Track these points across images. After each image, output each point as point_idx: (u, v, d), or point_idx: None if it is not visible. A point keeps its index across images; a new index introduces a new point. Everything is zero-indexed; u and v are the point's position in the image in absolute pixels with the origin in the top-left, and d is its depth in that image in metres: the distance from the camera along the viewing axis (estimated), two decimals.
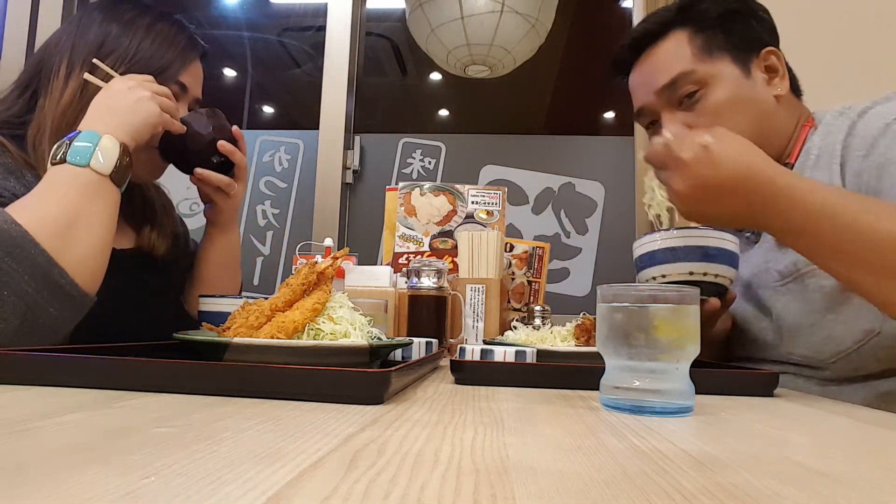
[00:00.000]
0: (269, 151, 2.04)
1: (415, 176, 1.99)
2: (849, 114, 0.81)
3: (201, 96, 0.97)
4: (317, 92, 1.99)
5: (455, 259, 1.20)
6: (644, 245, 0.88)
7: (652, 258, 0.87)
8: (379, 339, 0.57)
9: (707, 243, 0.83)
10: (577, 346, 0.76)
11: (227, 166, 0.93)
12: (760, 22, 0.90)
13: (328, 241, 1.18)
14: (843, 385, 0.79)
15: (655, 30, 0.91)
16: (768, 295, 0.86)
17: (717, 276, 0.83)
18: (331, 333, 0.55)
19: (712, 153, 0.65)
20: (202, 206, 0.98)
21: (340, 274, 1.06)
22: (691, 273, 0.83)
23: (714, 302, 0.84)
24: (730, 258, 0.84)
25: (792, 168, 0.85)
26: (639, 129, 1.92)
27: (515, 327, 0.91)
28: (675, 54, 0.88)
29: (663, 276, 0.85)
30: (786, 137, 0.87)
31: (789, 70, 0.90)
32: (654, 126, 0.94)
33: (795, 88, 0.92)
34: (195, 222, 1.95)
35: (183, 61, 0.91)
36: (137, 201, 0.97)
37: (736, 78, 0.85)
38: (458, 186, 1.36)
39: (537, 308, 1.15)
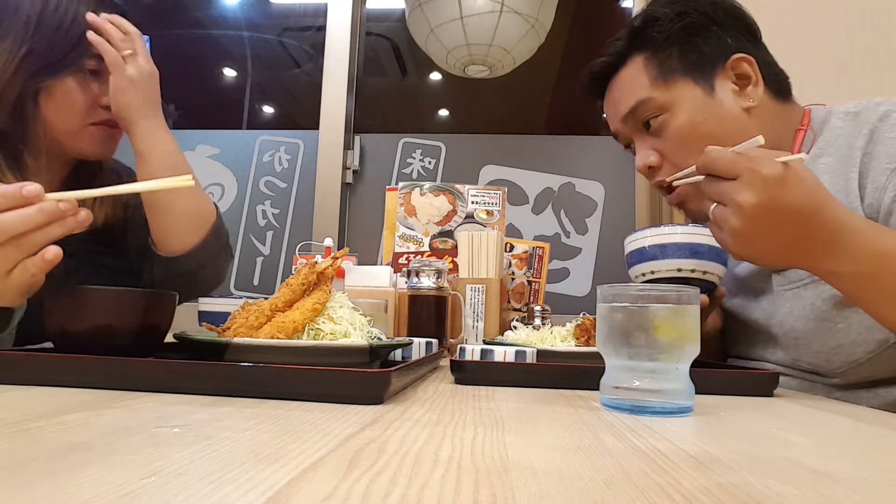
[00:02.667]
0: (269, 151, 2.04)
1: (415, 176, 1.99)
2: (864, 116, 0.77)
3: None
4: (317, 92, 1.99)
5: (455, 259, 1.20)
6: (634, 241, 0.89)
7: (641, 254, 0.87)
8: (379, 339, 0.57)
9: (695, 240, 0.83)
10: (577, 346, 0.76)
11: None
12: (726, 28, 0.85)
13: (328, 241, 1.18)
14: (852, 391, 0.76)
15: (613, 61, 0.90)
16: (774, 297, 0.82)
17: (705, 272, 0.83)
18: (331, 333, 0.55)
19: (798, 175, 0.59)
20: None
21: (340, 274, 1.06)
22: (679, 270, 0.83)
23: (703, 299, 0.83)
24: (718, 255, 0.84)
25: None
26: None
27: (515, 327, 0.91)
28: (633, 82, 0.87)
29: (652, 273, 0.86)
30: (772, 147, 0.83)
31: (771, 73, 0.85)
32: (633, 146, 0.93)
33: (781, 91, 0.86)
34: None
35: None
36: (82, 175, 0.90)
37: (696, 99, 0.83)
38: (458, 186, 1.36)
39: (537, 308, 1.15)
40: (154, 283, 0.87)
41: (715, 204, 0.63)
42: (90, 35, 0.79)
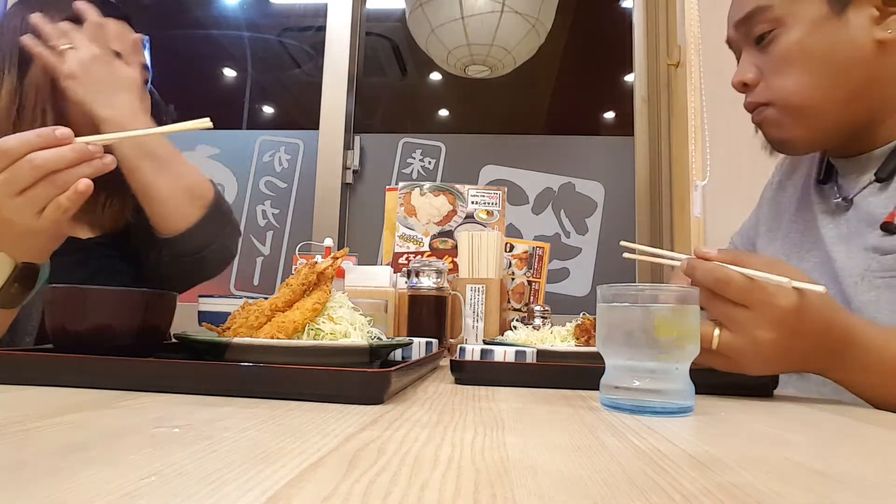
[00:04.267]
0: (269, 151, 2.04)
1: (415, 176, 1.99)
2: None
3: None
4: (317, 92, 2.00)
5: (455, 259, 1.20)
6: None
7: None
8: (379, 339, 0.57)
9: None
10: (577, 346, 0.76)
11: None
12: None
13: (328, 241, 1.18)
14: None
15: None
16: (853, 283, 0.70)
17: None
18: (331, 333, 0.55)
19: (811, 299, 0.53)
20: None
21: (340, 274, 1.06)
22: None
23: None
24: None
25: None
26: (639, 129, 1.92)
27: (515, 327, 0.91)
28: None
29: None
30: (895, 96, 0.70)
31: None
32: None
33: None
34: None
35: None
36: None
37: (818, 18, 0.70)
38: (458, 186, 1.36)
39: (537, 308, 1.15)
40: (161, 268, 0.85)
41: (718, 330, 0.55)
42: (24, 39, 0.76)
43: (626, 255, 0.63)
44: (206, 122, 0.62)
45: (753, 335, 0.54)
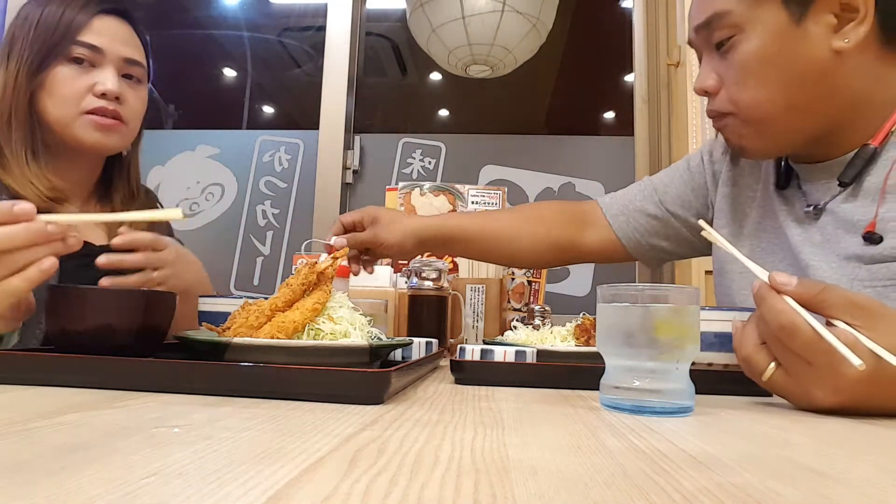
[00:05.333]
0: (269, 151, 2.04)
1: (415, 176, 1.99)
2: None
3: (141, 59, 0.91)
4: (317, 92, 2.00)
5: (455, 259, 1.20)
6: None
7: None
8: (379, 339, 0.57)
9: (714, 328, 0.65)
10: (577, 346, 0.76)
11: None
12: None
13: (334, 240, 1.17)
14: None
15: None
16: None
17: (726, 366, 0.65)
18: (331, 333, 0.55)
19: (886, 371, 0.45)
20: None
21: (344, 273, 1.06)
22: (710, 364, 0.66)
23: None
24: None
25: (875, 151, 0.68)
26: (639, 129, 1.92)
27: (515, 327, 0.91)
28: None
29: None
30: (856, 104, 0.69)
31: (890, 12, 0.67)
32: None
33: None
34: (194, 223, 1.96)
35: (82, 19, 0.84)
36: (110, 190, 0.95)
37: (776, 25, 0.68)
38: (458, 186, 1.36)
39: (537, 308, 1.15)
40: None
41: (773, 365, 0.51)
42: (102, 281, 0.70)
43: (703, 233, 0.60)
44: (178, 211, 0.61)
45: (809, 391, 0.49)
